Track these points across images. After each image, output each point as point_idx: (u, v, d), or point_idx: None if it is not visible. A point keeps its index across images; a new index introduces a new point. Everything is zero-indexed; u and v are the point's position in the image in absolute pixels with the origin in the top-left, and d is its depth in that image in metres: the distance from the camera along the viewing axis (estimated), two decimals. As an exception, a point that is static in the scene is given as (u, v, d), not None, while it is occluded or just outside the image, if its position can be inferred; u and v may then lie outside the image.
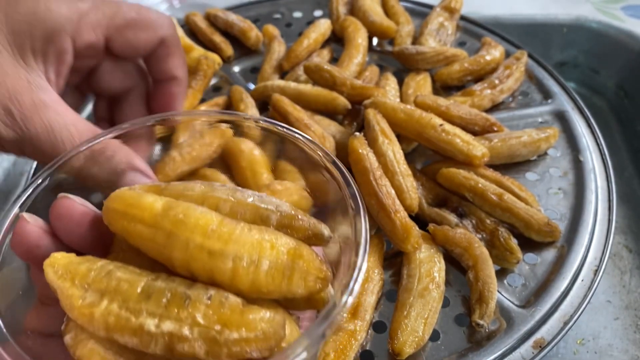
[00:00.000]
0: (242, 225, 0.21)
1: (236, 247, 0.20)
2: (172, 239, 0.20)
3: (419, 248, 0.36)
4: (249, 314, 0.19)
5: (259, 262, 0.20)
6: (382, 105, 0.43)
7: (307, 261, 0.21)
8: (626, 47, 0.59)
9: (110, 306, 0.19)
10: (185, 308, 0.19)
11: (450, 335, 0.34)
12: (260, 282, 0.20)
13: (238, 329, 0.19)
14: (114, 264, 0.21)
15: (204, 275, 0.20)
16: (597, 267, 0.37)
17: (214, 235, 0.20)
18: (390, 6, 0.59)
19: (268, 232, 0.21)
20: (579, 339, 0.42)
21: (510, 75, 0.49)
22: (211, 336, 0.19)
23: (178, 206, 0.21)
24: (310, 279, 0.20)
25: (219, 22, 0.59)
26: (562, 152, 0.45)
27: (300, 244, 0.21)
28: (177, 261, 0.20)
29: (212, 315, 0.19)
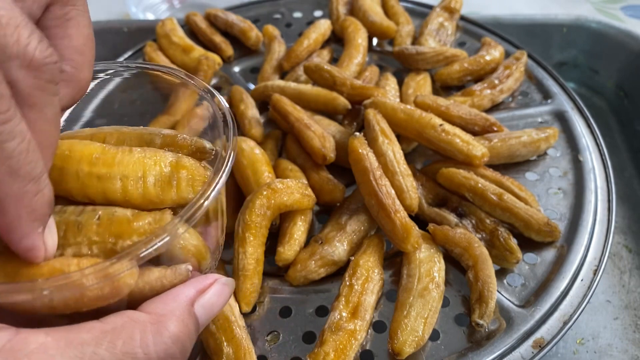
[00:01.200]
0: (124, 148, 0.23)
1: (121, 168, 0.22)
2: (63, 173, 0.22)
3: (419, 248, 0.36)
4: (135, 222, 0.21)
5: (145, 177, 0.22)
6: (382, 105, 0.43)
7: (190, 169, 0.23)
8: (626, 47, 0.59)
9: None
10: (80, 232, 0.21)
11: (450, 335, 0.34)
12: (150, 194, 0.22)
13: (129, 236, 0.21)
14: None
15: (100, 198, 0.22)
16: (596, 267, 0.37)
17: (98, 162, 0.22)
18: (390, 6, 0.59)
19: (149, 151, 0.23)
20: (579, 338, 0.42)
21: (510, 75, 0.49)
22: (109, 248, 0.21)
23: (62, 144, 0.23)
24: (197, 184, 0.23)
25: (219, 22, 0.59)
26: (562, 152, 0.45)
27: (181, 156, 0.23)
28: (73, 190, 0.23)
29: (104, 231, 0.21)
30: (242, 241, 0.36)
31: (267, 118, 0.50)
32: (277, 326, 0.35)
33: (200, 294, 0.22)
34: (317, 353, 0.31)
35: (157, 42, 0.57)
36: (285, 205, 0.38)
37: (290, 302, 0.36)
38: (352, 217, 0.39)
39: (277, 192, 0.37)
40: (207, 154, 0.25)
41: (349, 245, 0.38)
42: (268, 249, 0.37)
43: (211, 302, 0.22)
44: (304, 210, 0.39)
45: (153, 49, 0.56)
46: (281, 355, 0.33)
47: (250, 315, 0.35)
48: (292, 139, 0.46)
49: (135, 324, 0.19)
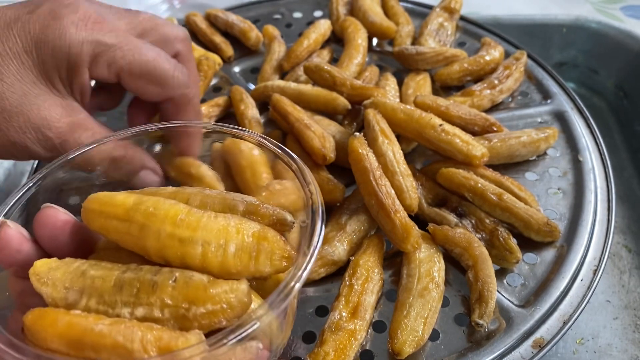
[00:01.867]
0: (209, 213, 0.23)
1: (204, 233, 0.22)
2: (144, 230, 0.22)
3: (419, 248, 0.36)
4: (211, 289, 0.21)
5: (226, 246, 0.22)
6: (382, 105, 0.43)
7: (272, 242, 0.22)
8: (625, 47, 0.59)
9: (89, 302, 0.21)
10: (154, 292, 0.21)
11: (450, 334, 0.34)
12: (228, 263, 0.22)
13: (204, 303, 0.20)
14: (88, 263, 0.23)
15: (177, 262, 0.22)
16: (596, 266, 0.37)
17: (182, 224, 0.22)
18: (390, 6, 0.59)
19: (234, 219, 0.23)
20: (579, 338, 0.42)
21: (510, 75, 0.49)
22: (181, 314, 0.20)
23: (148, 200, 0.23)
24: (276, 258, 0.22)
25: (219, 23, 0.59)
26: (562, 152, 0.45)
27: (264, 227, 0.23)
28: (152, 249, 0.22)
29: (178, 295, 0.21)
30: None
31: (267, 118, 0.50)
32: (277, 326, 0.35)
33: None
34: (317, 353, 0.31)
35: (157, 43, 0.57)
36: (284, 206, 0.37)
37: (290, 302, 0.36)
38: (352, 217, 0.39)
39: (275, 194, 0.37)
40: (288, 227, 0.25)
41: (349, 245, 0.38)
42: (268, 249, 0.37)
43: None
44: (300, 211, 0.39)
45: (153, 49, 0.56)
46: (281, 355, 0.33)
47: (250, 315, 0.35)
48: (292, 139, 0.46)
49: None
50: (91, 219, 0.24)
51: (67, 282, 0.22)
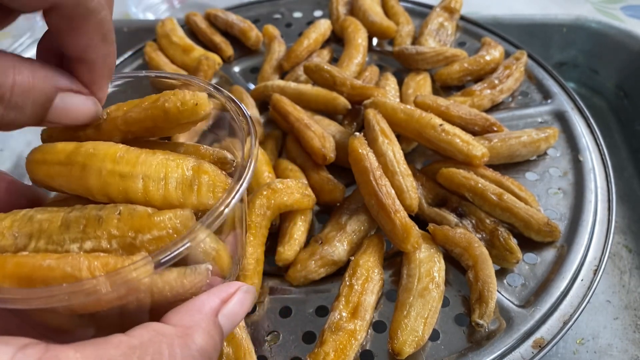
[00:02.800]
0: (147, 150, 0.23)
1: (144, 168, 0.22)
2: (86, 170, 0.23)
3: (419, 248, 0.36)
4: (155, 217, 0.21)
5: (167, 179, 0.22)
6: (382, 105, 0.43)
7: (212, 175, 0.23)
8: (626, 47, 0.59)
9: (38, 244, 0.22)
10: (100, 226, 0.21)
11: (450, 335, 0.34)
12: (171, 196, 0.22)
13: (149, 230, 0.21)
14: (34, 210, 0.23)
15: (120, 198, 0.22)
16: (596, 266, 0.37)
17: (122, 160, 0.22)
18: (390, 6, 0.59)
19: (172, 155, 0.23)
20: (579, 338, 0.42)
21: (510, 75, 0.49)
22: (128, 242, 0.21)
23: (87, 144, 0.23)
24: (218, 190, 0.23)
25: (219, 23, 0.59)
26: (562, 152, 0.45)
27: (203, 162, 0.23)
28: (94, 188, 0.23)
29: (124, 225, 0.21)
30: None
31: (267, 118, 0.50)
32: (277, 326, 0.35)
33: (223, 303, 0.22)
34: (317, 353, 0.31)
35: (157, 42, 0.57)
36: (285, 205, 0.38)
37: (290, 302, 0.36)
38: (352, 217, 0.39)
39: (277, 192, 0.37)
40: (228, 165, 0.25)
41: (349, 245, 0.38)
42: (268, 249, 0.37)
43: (234, 312, 0.22)
44: (304, 210, 0.39)
45: (153, 49, 0.56)
46: (281, 355, 0.33)
47: (250, 315, 0.35)
48: (292, 139, 0.46)
49: (162, 337, 0.19)
50: (34, 169, 0.24)
51: (15, 229, 0.22)
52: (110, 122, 0.25)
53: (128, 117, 0.25)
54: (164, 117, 0.24)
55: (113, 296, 0.19)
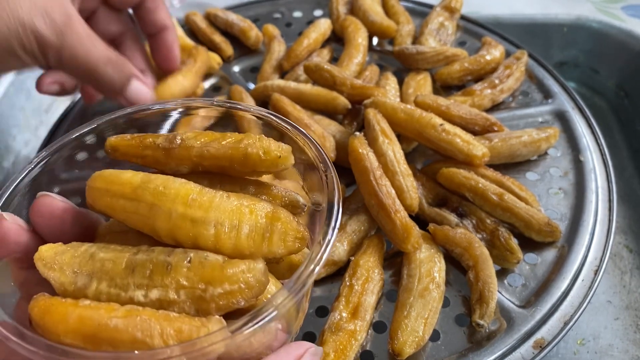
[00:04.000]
0: (221, 193, 0.22)
1: (217, 214, 0.21)
2: (154, 210, 0.21)
3: (419, 248, 0.36)
4: (228, 269, 0.20)
5: (240, 227, 0.21)
6: (382, 104, 0.42)
7: (285, 223, 0.22)
8: (627, 46, 0.59)
9: (100, 286, 0.21)
10: (168, 274, 0.20)
11: (451, 335, 0.34)
12: (242, 245, 0.21)
13: (221, 283, 0.20)
14: (97, 246, 0.22)
15: (189, 243, 0.21)
16: (597, 267, 0.37)
17: (194, 204, 0.21)
18: (391, 6, 0.59)
19: (246, 199, 0.22)
20: (579, 339, 0.42)
21: (511, 75, 0.49)
22: (197, 295, 0.20)
23: (157, 179, 0.22)
24: (289, 239, 0.22)
25: (219, 22, 0.59)
26: (563, 152, 0.45)
27: (277, 208, 0.23)
28: (162, 231, 0.21)
29: (194, 276, 0.20)
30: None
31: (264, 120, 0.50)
32: (277, 326, 0.35)
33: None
34: (317, 353, 0.31)
35: (157, 42, 0.57)
36: None
37: (290, 302, 0.36)
38: (352, 217, 0.39)
39: None
40: (299, 209, 0.24)
41: (349, 245, 0.37)
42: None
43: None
44: None
45: (153, 49, 0.56)
46: (281, 356, 0.33)
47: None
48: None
49: None
50: (96, 197, 0.23)
51: (76, 266, 0.21)
52: (184, 150, 0.24)
53: (204, 151, 0.24)
54: (242, 160, 0.23)
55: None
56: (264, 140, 0.24)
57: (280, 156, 0.23)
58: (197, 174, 0.25)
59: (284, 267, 0.24)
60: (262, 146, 0.24)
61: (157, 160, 0.25)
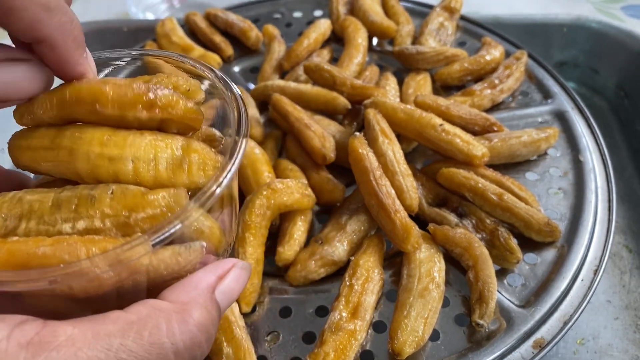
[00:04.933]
0: (135, 131, 0.22)
1: (133, 150, 0.22)
2: (73, 154, 0.22)
3: (419, 248, 0.36)
4: (149, 195, 0.21)
5: (157, 160, 0.22)
6: (382, 105, 0.43)
7: (202, 154, 0.23)
8: (626, 47, 0.59)
9: (29, 225, 0.21)
10: (93, 205, 0.21)
11: (450, 335, 0.34)
12: (161, 177, 0.22)
13: (143, 209, 0.21)
14: (24, 191, 0.23)
15: (110, 180, 0.22)
16: (597, 267, 0.37)
17: (110, 142, 0.22)
18: (390, 6, 0.59)
19: (160, 135, 0.23)
20: (579, 338, 0.42)
21: (510, 75, 0.49)
22: (122, 222, 0.21)
23: (72, 127, 0.23)
24: (209, 168, 0.23)
25: (219, 22, 0.59)
26: (562, 152, 0.45)
27: (192, 140, 0.23)
28: (83, 172, 0.22)
29: (117, 204, 0.21)
30: (242, 241, 0.36)
31: (267, 118, 0.50)
32: (277, 326, 0.35)
33: (219, 280, 0.22)
34: (317, 353, 0.31)
35: (157, 42, 0.57)
36: (285, 205, 0.37)
37: (290, 302, 0.36)
38: (352, 217, 0.39)
39: (277, 192, 0.37)
40: (217, 142, 0.25)
41: (349, 245, 0.38)
42: (268, 249, 0.37)
43: (231, 288, 0.22)
44: (304, 210, 0.39)
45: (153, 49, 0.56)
46: (281, 355, 0.33)
47: (250, 315, 0.35)
48: (292, 139, 0.45)
49: (160, 313, 0.19)
50: (19, 155, 0.24)
51: (4, 211, 0.22)
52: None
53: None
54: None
55: (110, 276, 0.19)
56: (173, 76, 0.24)
57: (189, 89, 0.24)
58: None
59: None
60: (169, 83, 0.24)
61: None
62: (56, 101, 0.23)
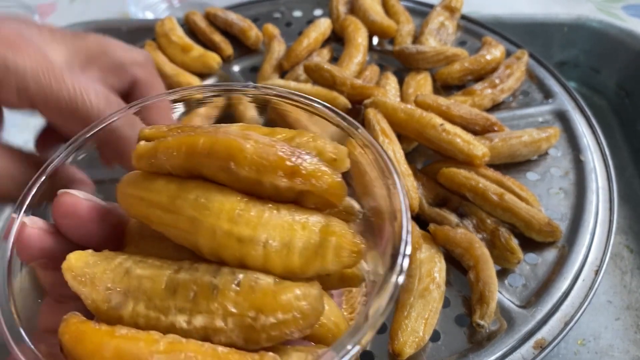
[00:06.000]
0: (270, 205, 0.19)
1: (266, 232, 0.19)
2: (196, 225, 0.19)
3: (420, 248, 0.36)
4: (281, 295, 0.18)
5: (291, 245, 0.19)
6: (383, 104, 0.42)
7: (340, 236, 0.19)
8: (627, 46, 0.59)
9: (137, 307, 0.19)
10: (215, 298, 0.18)
11: (451, 335, 0.33)
12: (293, 264, 0.19)
13: (273, 312, 0.18)
14: (132, 259, 0.20)
15: (235, 262, 0.19)
16: (598, 267, 0.37)
17: (241, 220, 0.19)
18: (391, 5, 0.59)
19: (298, 211, 0.20)
20: (580, 339, 0.42)
21: (511, 74, 0.49)
22: (247, 324, 0.18)
23: (196, 187, 0.20)
24: (344, 254, 0.19)
25: (219, 22, 0.59)
26: (563, 151, 0.45)
27: (331, 219, 0.20)
28: (205, 248, 0.19)
29: (244, 302, 0.18)
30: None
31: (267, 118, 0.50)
32: (276, 327, 0.35)
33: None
34: (317, 354, 0.31)
35: (156, 42, 0.57)
36: None
37: (290, 302, 0.36)
38: (352, 217, 0.39)
39: None
40: (354, 216, 0.22)
41: (349, 246, 0.37)
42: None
43: None
44: None
45: (152, 48, 0.56)
46: (281, 356, 0.33)
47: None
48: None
49: None
50: (130, 205, 0.21)
51: (109, 282, 0.19)
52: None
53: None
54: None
55: None
56: (319, 139, 0.21)
57: (335, 159, 0.21)
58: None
59: (335, 278, 0.22)
60: (315, 146, 0.21)
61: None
62: (185, 149, 0.20)
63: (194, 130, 0.21)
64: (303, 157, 0.19)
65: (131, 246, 0.23)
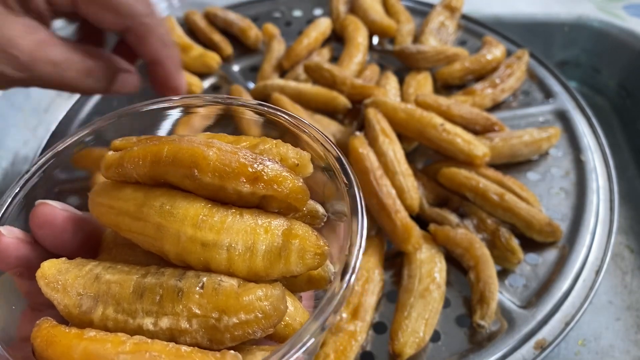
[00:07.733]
0: (234, 211, 0.20)
1: (230, 236, 0.19)
2: (162, 231, 0.20)
3: (420, 248, 0.36)
4: (244, 296, 0.18)
5: (254, 248, 0.19)
6: (383, 104, 0.42)
7: (303, 239, 0.20)
8: (628, 46, 0.59)
9: (106, 311, 0.19)
10: (180, 301, 0.19)
11: (451, 336, 0.33)
12: (257, 267, 0.19)
13: (236, 313, 0.18)
14: (102, 265, 0.21)
15: (200, 266, 0.20)
16: (598, 267, 0.36)
17: (205, 225, 0.19)
18: (391, 5, 0.59)
19: (261, 215, 0.20)
20: (581, 339, 0.42)
21: (512, 74, 0.49)
22: (211, 325, 0.18)
23: (162, 194, 0.20)
24: (308, 256, 0.20)
25: (218, 21, 0.59)
26: (564, 151, 0.45)
27: (294, 223, 0.21)
28: (171, 253, 0.20)
29: (207, 303, 0.18)
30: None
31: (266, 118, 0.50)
32: (276, 327, 0.35)
33: None
34: (317, 354, 0.31)
35: (157, 41, 0.57)
36: None
37: (290, 302, 0.36)
38: (353, 217, 0.39)
39: None
40: (319, 220, 0.22)
41: (349, 246, 0.37)
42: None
43: None
44: None
45: (152, 48, 0.56)
46: (281, 357, 0.33)
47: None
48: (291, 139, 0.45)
49: None
50: (101, 213, 0.22)
51: (80, 288, 0.20)
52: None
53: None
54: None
55: None
56: (281, 146, 0.21)
57: (297, 164, 0.21)
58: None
59: (302, 280, 0.23)
60: (278, 153, 0.21)
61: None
62: (150, 158, 0.20)
63: (159, 139, 0.22)
64: (265, 163, 0.20)
65: (104, 253, 0.24)
